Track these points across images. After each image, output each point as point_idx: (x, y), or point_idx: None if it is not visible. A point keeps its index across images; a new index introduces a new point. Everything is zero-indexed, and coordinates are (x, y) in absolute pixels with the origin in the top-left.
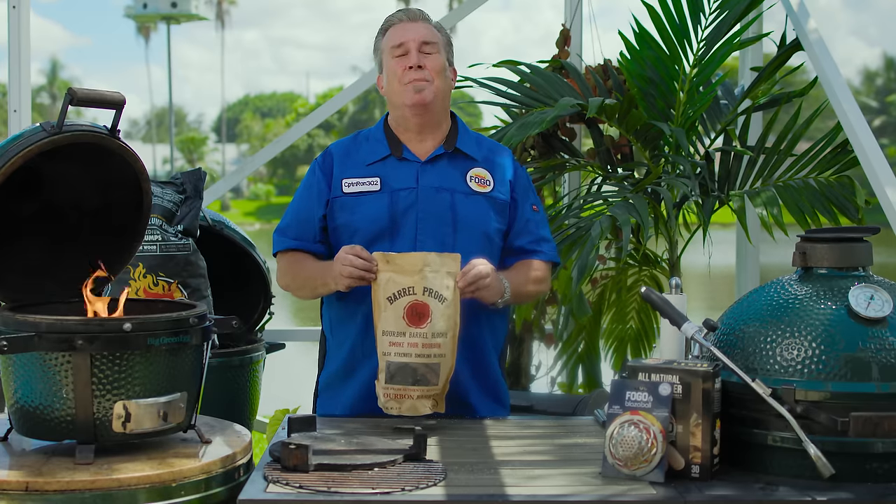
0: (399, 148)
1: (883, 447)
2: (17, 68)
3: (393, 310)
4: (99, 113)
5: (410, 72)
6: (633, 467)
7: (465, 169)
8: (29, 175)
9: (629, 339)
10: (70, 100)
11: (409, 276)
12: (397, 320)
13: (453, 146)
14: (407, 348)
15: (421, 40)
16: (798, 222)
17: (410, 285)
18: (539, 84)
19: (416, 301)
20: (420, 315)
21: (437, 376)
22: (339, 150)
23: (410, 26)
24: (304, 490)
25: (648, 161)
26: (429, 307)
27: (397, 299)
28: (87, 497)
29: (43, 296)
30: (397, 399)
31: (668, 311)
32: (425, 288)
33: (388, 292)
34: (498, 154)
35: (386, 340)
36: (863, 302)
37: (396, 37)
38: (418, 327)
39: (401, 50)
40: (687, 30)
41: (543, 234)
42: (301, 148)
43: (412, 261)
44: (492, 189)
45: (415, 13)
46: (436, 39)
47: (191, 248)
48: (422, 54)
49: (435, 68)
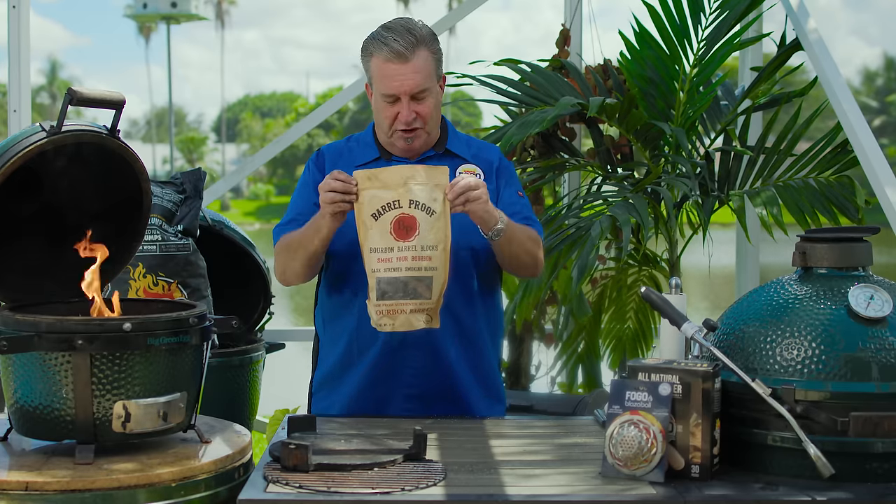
0: (388, 153)
1: (883, 447)
2: (16, 68)
3: (378, 226)
4: (99, 113)
5: (401, 123)
6: (632, 467)
7: (455, 166)
8: (29, 175)
9: (627, 338)
10: (70, 100)
11: (393, 189)
12: (384, 235)
13: (443, 148)
14: (396, 263)
15: (413, 91)
16: (798, 222)
17: (395, 199)
18: (539, 83)
19: (403, 214)
20: (407, 228)
21: (430, 290)
22: (331, 151)
23: (400, 71)
24: (303, 490)
25: (648, 161)
26: (416, 219)
27: (382, 214)
28: (87, 497)
29: (43, 296)
30: (390, 315)
31: (668, 311)
32: (411, 200)
33: (372, 209)
34: (486, 152)
35: (374, 258)
36: (863, 302)
37: (385, 84)
38: (406, 241)
39: (390, 99)
40: (687, 30)
41: (531, 216)
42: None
43: (396, 174)
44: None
45: (403, 50)
46: (427, 81)
47: (191, 248)
48: (414, 102)
49: (427, 113)
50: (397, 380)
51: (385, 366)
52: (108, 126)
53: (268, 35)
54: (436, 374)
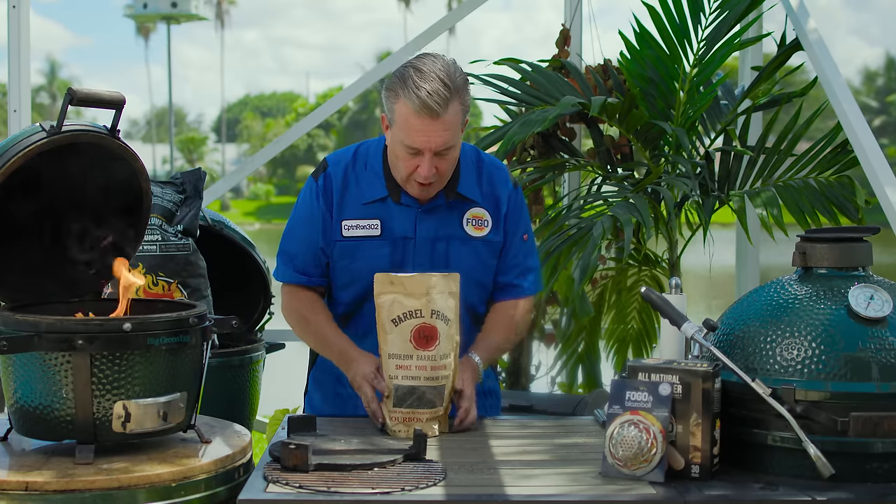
0: (398, 193)
1: (883, 447)
2: (16, 68)
3: (399, 332)
4: (99, 113)
5: (419, 174)
6: (632, 467)
7: (463, 211)
8: (29, 175)
9: (631, 339)
10: (70, 100)
11: (416, 298)
12: (404, 343)
13: (454, 193)
14: (415, 371)
15: (438, 148)
16: (798, 222)
17: (418, 308)
18: (540, 83)
19: (425, 324)
20: (428, 338)
21: (442, 397)
22: (339, 174)
23: (430, 128)
24: (303, 490)
25: (649, 161)
26: (437, 329)
27: (403, 321)
28: (87, 497)
29: (43, 296)
30: (406, 423)
31: (668, 311)
32: (433, 311)
33: (392, 314)
34: (495, 184)
35: (392, 363)
36: (863, 302)
37: (411, 137)
38: (426, 350)
39: (414, 150)
40: (687, 30)
41: (529, 265)
42: (301, 148)
43: (418, 283)
44: (488, 231)
45: (437, 106)
46: (455, 139)
47: (191, 248)
48: (437, 157)
49: (447, 168)
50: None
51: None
52: (108, 126)
53: (268, 35)
54: None
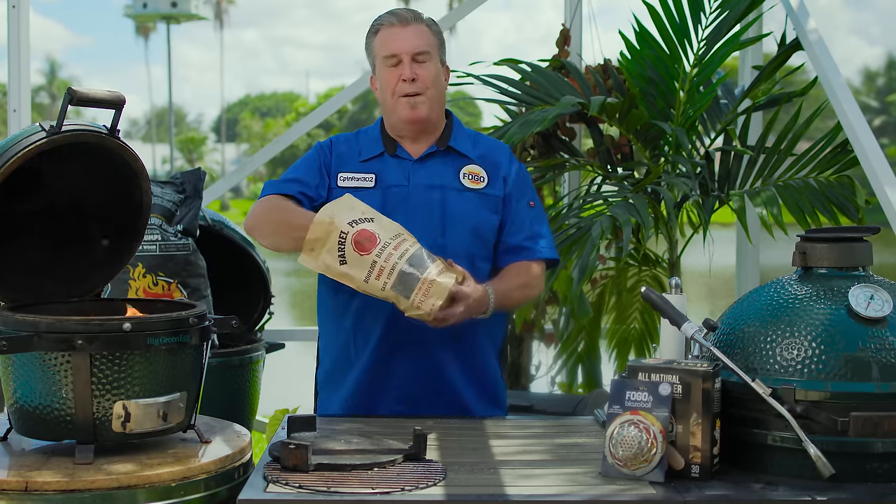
0: (393, 146)
1: (883, 447)
2: (16, 68)
3: (350, 263)
4: (99, 113)
5: (404, 84)
6: (632, 467)
7: (459, 166)
8: (29, 175)
9: (633, 339)
10: (70, 99)
11: (326, 237)
12: (359, 262)
13: (446, 144)
14: (387, 264)
15: (414, 51)
16: (798, 222)
17: (338, 235)
18: (540, 83)
19: (354, 235)
20: (368, 238)
21: (425, 255)
22: (340, 141)
23: (402, 33)
24: (303, 490)
25: (648, 161)
26: (366, 229)
27: (343, 256)
28: (87, 497)
29: (43, 296)
30: (427, 295)
31: (668, 311)
32: (349, 222)
33: (334, 265)
34: (494, 152)
35: (372, 281)
36: (863, 302)
37: (388, 45)
38: (375, 246)
39: (393, 60)
40: (687, 29)
41: (539, 230)
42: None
43: (319, 227)
44: (485, 185)
45: (405, 16)
46: (429, 47)
47: (190, 248)
48: (415, 64)
49: (428, 78)
50: (389, 382)
51: (378, 368)
52: (107, 126)
53: (268, 35)
54: (427, 377)
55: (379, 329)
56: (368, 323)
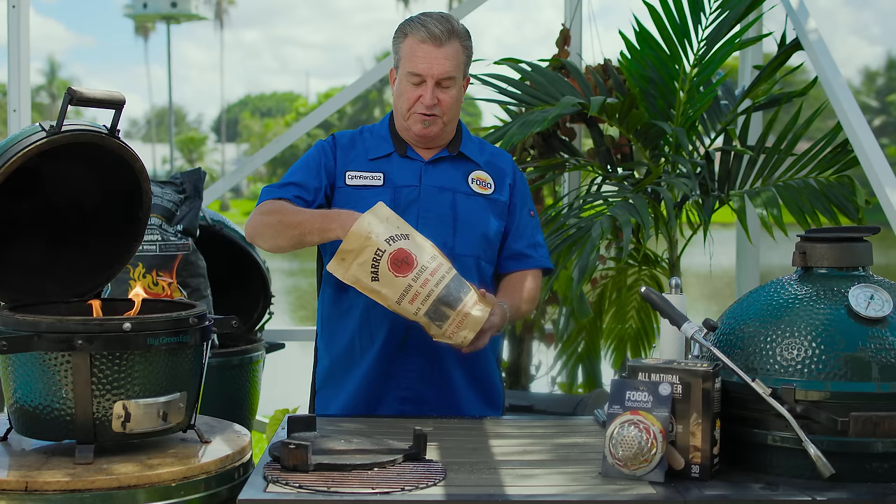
0: (403, 147)
1: (883, 447)
2: (16, 68)
3: (383, 281)
4: (99, 113)
5: (421, 105)
6: (633, 467)
7: (467, 171)
8: (29, 175)
9: (629, 338)
10: (70, 99)
11: (363, 249)
12: (393, 282)
13: (457, 150)
14: (423, 290)
15: (440, 76)
16: (798, 222)
17: (370, 253)
18: (540, 82)
19: (392, 255)
20: (404, 260)
21: (462, 283)
22: (344, 139)
23: (433, 54)
24: (303, 490)
25: (648, 161)
26: (404, 249)
27: (377, 270)
28: (87, 497)
29: (43, 296)
30: (460, 327)
31: (668, 311)
32: (386, 240)
33: (367, 277)
34: (499, 159)
35: (405, 303)
36: (863, 302)
37: (415, 63)
38: (413, 269)
39: (417, 79)
40: (687, 29)
41: (539, 240)
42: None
43: (353, 239)
44: (492, 192)
45: (439, 33)
46: (456, 71)
47: (190, 248)
48: (439, 88)
49: (448, 103)
50: (393, 382)
51: (383, 368)
52: (107, 126)
53: (269, 34)
54: (431, 378)
55: (385, 329)
56: (375, 322)
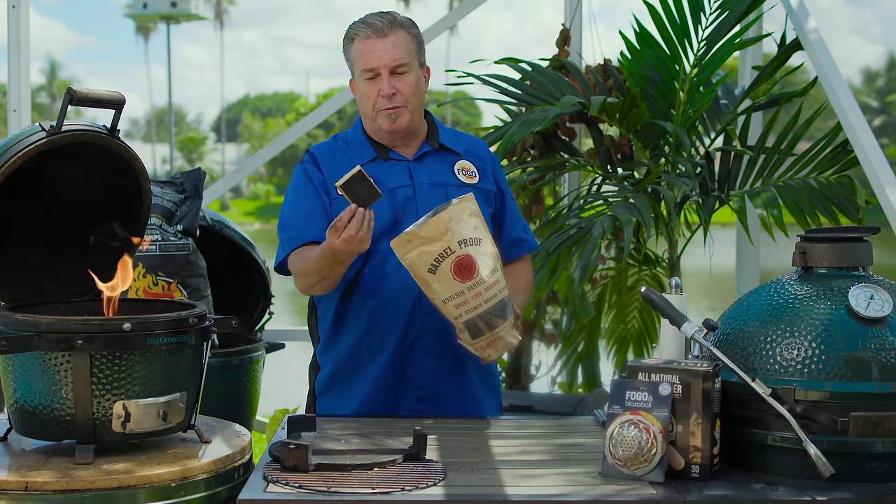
0: (385, 151)
1: (883, 447)
2: (16, 68)
3: (439, 277)
4: (99, 113)
5: (383, 100)
6: (633, 467)
7: (451, 163)
8: (29, 175)
9: (631, 338)
10: (70, 99)
11: (438, 240)
12: (450, 283)
13: (437, 143)
14: (473, 301)
15: (392, 64)
16: (798, 222)
17: (444, 248)
18: (540, 82)
19: (458, 258)
20: (467, 267)
21: (507, 306)
22: (322, 151)
23: (378, 45)
24: (303, 490)
25: (649, 161)
26: (471, 256)
27: (439, 266)
28: (87, 497)
29: (43, 296)
30: (490, 346)
31: (668, 311)
32: (459, 241)
33: (425, 266)
34: (476, 147)
35: (451, 306)
36: (863, 302)
37: (365, 59)
38: (472, 278)
39: (371, 74)
40: (687, 30)
41: (523, 220)
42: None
43: (433, 227)
44: (478, 181)
45: (381, 25)
46: (407, 57)
47: (190, 248)
48: (394, 77)
49: (408, 90)
50: (410, 382)
51: (398, 369)
52: (107, 126)
53: (269, 34)
54: (447, 377)
55: (397, 331)
56: (384, 325)
